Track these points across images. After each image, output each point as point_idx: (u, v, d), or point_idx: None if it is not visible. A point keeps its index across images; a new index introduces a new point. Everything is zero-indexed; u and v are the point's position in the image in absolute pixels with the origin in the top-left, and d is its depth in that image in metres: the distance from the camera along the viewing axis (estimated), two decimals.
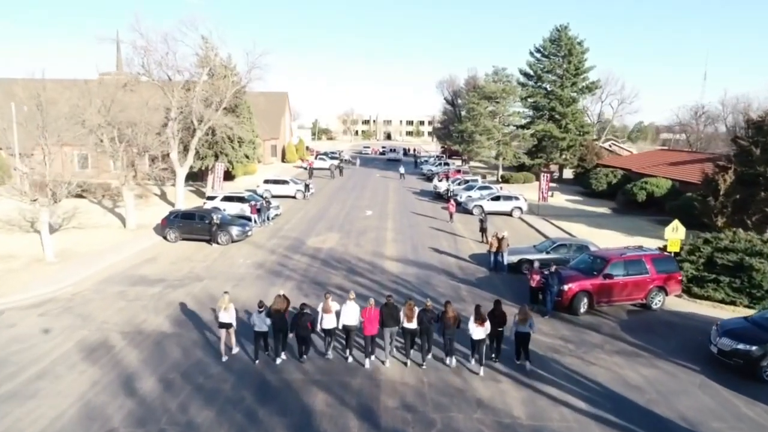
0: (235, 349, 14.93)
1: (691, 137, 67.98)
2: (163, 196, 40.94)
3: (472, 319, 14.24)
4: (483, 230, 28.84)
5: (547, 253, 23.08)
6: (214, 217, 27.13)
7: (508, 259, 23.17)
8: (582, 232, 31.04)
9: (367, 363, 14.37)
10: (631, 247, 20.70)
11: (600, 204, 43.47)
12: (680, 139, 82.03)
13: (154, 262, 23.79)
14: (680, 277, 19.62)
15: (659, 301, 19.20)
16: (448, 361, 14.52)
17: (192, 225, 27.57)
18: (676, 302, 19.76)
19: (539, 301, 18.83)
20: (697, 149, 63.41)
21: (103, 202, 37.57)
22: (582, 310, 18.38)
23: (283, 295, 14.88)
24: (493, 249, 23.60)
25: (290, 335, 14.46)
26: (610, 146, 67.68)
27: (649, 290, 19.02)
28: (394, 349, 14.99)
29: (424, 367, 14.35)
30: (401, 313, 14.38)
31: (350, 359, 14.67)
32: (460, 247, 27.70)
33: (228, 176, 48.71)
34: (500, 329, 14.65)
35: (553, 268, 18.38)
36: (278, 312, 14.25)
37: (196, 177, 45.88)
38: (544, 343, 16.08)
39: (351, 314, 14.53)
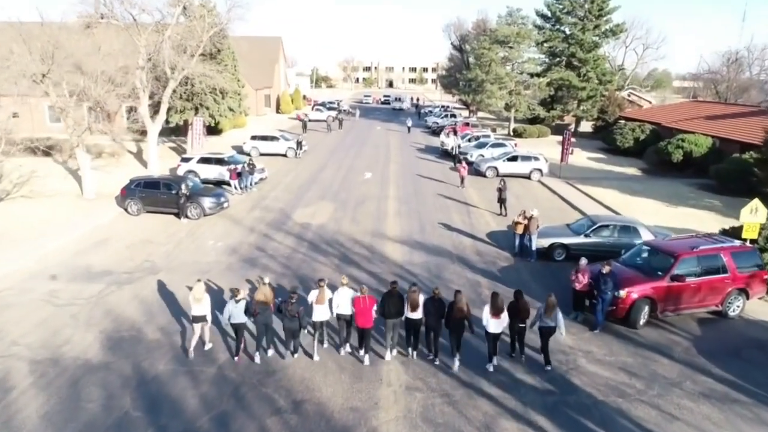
0: (208, 345, 12.56)
1: (720, 86, 62.19)
2: (139, 154, 36.25)
3: (487, 308, 11.93)
4: (501, 201, 24.34)
5: (586, 236, 18.67)
6: (183, 187, 22.64)
7: (537, 243, 18.79)
8: (616, 201, 26.56)
9: (366, 359, 12.26)
10: (700, 235, 16.26)
11: (626, 163, 38.80)
12: (698, 87, 76.12)
13: (104, 246, 19.47)
14: (766, 276, 15.28)
15: (738, 306, 14.97)
16: (455, 366, 12.10)
17: (156, 196, 23.13)
18: (757, 307, 15.51)
19: (587, 308, 14.58)
20: (727, 100, 57.97)
21: (69, 162, 32.91)
22: (641, 321, 14.15)
23: (269, 284, 12.42)
24: (519, 231, 19.19)
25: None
26: (629, 96, 62.20)
27: (727, 293, 14.74)
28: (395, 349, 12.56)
29: (436, 362, 12.31)
30: (405, 302, 12.09)
31: (343, 352, 12.56)
32: (475, 222, 23.29)
33: (214, 131, 43.93)
34: (522, 325, 12.22)
35: (605, 269, 13.99)
36: (263, 305, 11.91)
37: (180, 132, 41.06)
38: (603, 379, 11.90)
39: (344, 302, 12.20)
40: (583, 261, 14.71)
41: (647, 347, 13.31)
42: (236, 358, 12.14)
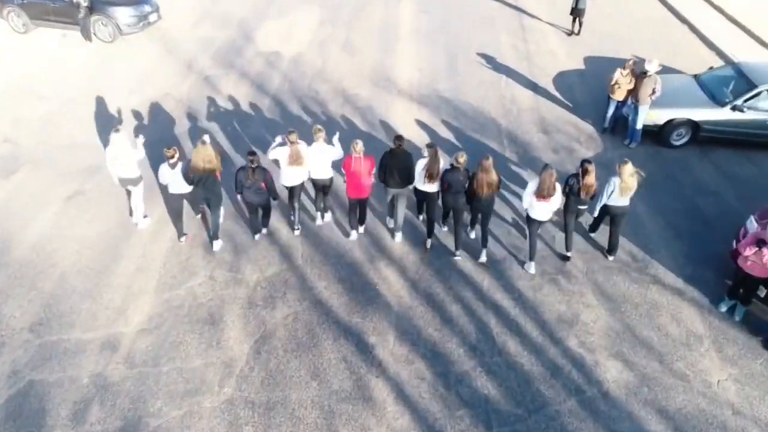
0: (144, 221, 9.20)
1: None
2: None
3: (530, 186, 8.04)
4: (577, 13, 15.69)
5: (736, 108, 10.98)
6: None
7: (645, 117, 11.23)
8: None
9: (353, 234, 9.06)
10: None
11: None
12: None
13: None
14: None
15: None
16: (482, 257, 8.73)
17: (45, 4, 14.95)
18: None
19: (752, 300, 8.01)
20: None
21: None
22: None
23: (209, 143, 8.25)
24: (618, 95, 11.45)
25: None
26: None
27: None
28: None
29: (457, 256, 8.81)
30: (419, 167, 8.30)
31: (320, 221, 9.35)
32: (535, 52, 15.14)
33: None
34: (582, 206, 8.37)
35: None
36: (206, 173, 8.18)
37: None
38: None
39: (319, 161, 8.55)
40: (753, 218, 7.70)
41: None
42: (183, 238, 8.88)
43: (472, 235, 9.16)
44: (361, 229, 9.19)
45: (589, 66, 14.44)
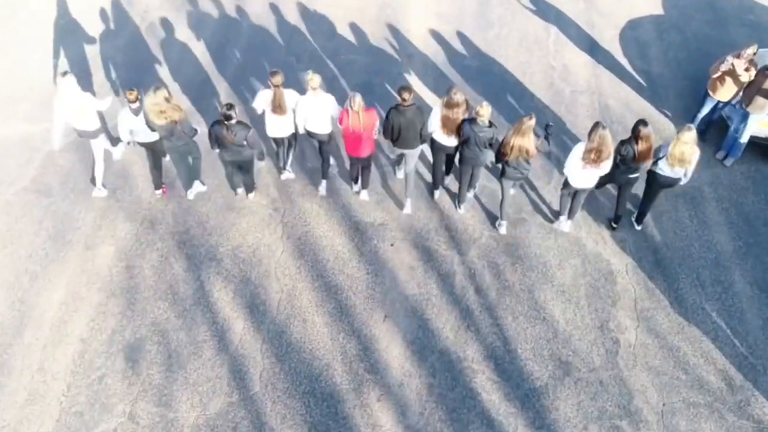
0: (101, 192, 7.71)
1: None
2: None
3: (577, 150, 6.57)
4: None
5: None
6: None
7: (754, 126, 7.91)
8: None
9: (364, 194, 7.73)
10: None
11: None
12: None
13: None
14: None
15: None
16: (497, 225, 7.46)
17: None
18: None
19: None
20: None
21: None
22: None
23: (163, 91, 6.70)
24: (721, 95, 8.00)
25: None
26: None
27: None
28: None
29: (461, 211, 7.62)
30: (432, 117, 6.89)
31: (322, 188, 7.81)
32: None
33: None
34: (632, 176, 6.92)
35: None
36: (167, 125, 6.75)
37: None
38: None
39: (317, 115, 7.04)
40: None
41: None
42: (160, 191, 7.67)
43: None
44: (365, 194, 7.72)
45: (671, 13, 10.61)
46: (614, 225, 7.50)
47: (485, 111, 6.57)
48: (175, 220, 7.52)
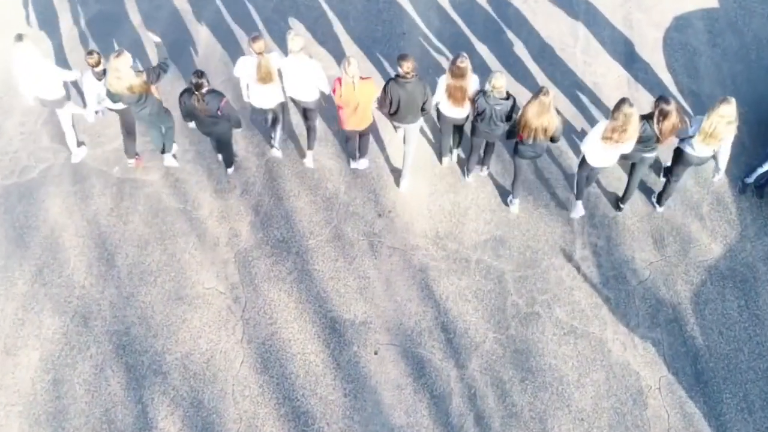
0: (79, 151, 7.20)
1: None
2: None
3: (599, 128, 5.91)
4: None
5: None
6: None
7: None
8: None
9: (363, 162, 7.12)
10: None
11: None
12: None
13: None
14: None
15: None
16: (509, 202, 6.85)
17: None
18: None
19: None
20: None
21: None
22: None
23: (126, 55, 6.08)
24: None
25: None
26: None
27: None
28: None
29: (468, 179, 7.04)
30: (438, 88, 6.28)
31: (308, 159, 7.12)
32: None
33: None
34: (647, 155, 6.20)
35: None
36: (129, 94, 6.21)
37: None
38: None
39: (298, 80, 6.37)
40: None
41: None
42: (132, 161, 7.09)
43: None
44: (364, 162, 7.12)
45: (727, 5, 8.63)
46: (621, 205, 6.82)
47: (500, 82, 5.90)
48: (112, 314, 6.19)
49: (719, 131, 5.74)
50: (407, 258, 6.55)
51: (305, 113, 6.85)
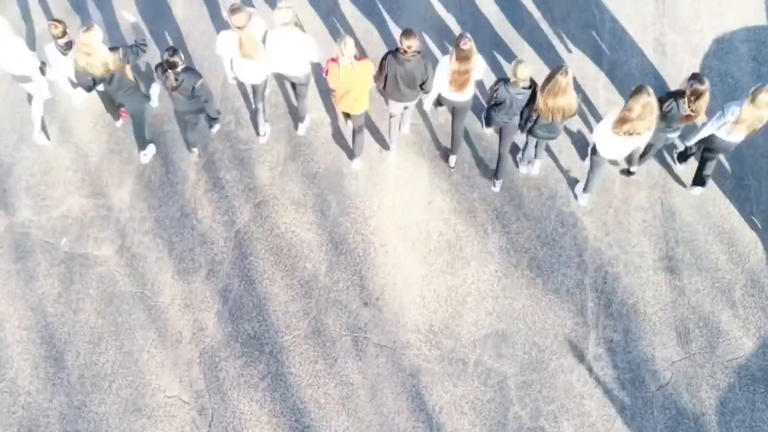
0: (41, 138, 6.63)
1: None
2: None
3: (610, 118, 5.52)
4: None
5: None
6: None
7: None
8: None
9: (356, 163, 6.60)
10: None
11: None
12: None
13: None
14: None
15: None
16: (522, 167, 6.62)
17: None
18: None
19: None
20: None
21: None
22: None
23: (96, 29, 5.53)
24: None
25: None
26: None
27: None
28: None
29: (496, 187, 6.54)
30: (439, 73, 5.72)
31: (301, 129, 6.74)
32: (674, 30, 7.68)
33: None
34: (670, 135, 5.97)
35: None
36: (104, 73, 5.68)
37: None
38: None
39: (286, 53, 5.81)
40: None
41: None
42: (119, 121, 6.77)
43: (523, 170, 6.61)
44: (357, 163, 6.64)
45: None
46: (631, 171, 6.47)
47: (524, 74, 5.48)
48: (62, 428, 5.49)
49: (760, 120, 5.56)
50: (396, 359, 5.75)
51: (294, 87, 6.41)
